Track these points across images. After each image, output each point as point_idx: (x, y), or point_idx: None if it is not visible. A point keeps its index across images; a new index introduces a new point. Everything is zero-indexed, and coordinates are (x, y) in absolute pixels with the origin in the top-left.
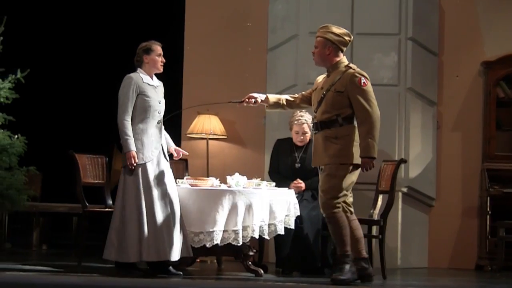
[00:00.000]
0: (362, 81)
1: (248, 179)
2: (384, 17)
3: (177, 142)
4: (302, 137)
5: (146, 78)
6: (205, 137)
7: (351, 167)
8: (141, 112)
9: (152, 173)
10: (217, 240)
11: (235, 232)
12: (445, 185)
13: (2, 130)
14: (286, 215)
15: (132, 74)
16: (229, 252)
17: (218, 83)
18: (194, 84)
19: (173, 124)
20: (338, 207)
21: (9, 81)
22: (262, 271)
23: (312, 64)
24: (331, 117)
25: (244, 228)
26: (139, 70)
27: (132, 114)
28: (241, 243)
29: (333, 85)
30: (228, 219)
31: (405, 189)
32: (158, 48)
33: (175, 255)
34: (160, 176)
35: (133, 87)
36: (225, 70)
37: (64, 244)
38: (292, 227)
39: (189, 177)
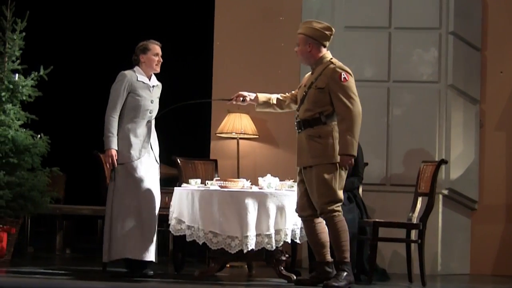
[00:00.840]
0: (342, 76)
1: (280, 180)
2: (424, 10)
3: (207, 142)
4: None
5: (141, 76)
6: (236, 136)
7: (336, 165)
8: (131, 110)
9: (139, 172)
10: (252, 244)
11: (268, 236)
12: (488, 187)
13: (24, 130)
14: None
15: (126, 71)
16: (261, 257)
17: (249, 80)
18: (224, 82)
19: (202, 123)
20: (338, 211)
21: (32, 79)
22: (294, 277)
23: (348, 60)
24: (314, 115)
25: (277, 232)
26: (136, 68)
27: (122, 111)
28: (274, 247)
29: (315, 82)
30: (260, 222)
31: (446, 191)
32: (155, 48)
33: (152, 256)
34: (147, 176)
35: (125, 84)
36: (256, 66)
37: (88, 248)
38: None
39: (219, 178)
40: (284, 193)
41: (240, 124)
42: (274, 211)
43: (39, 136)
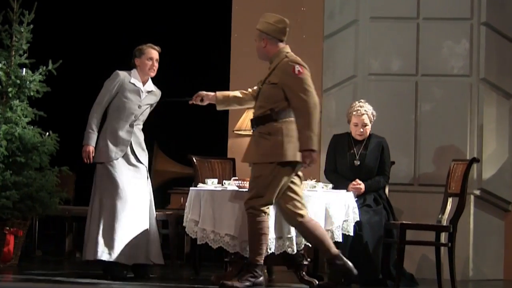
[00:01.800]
0: (296, 69)
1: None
2: (455, 0)
3: (224, 140)
4: (362, 130)
5: (134, 79)
6: None
7: (280, 166)
8: (115, 110)
9: (115, 173)
10: (272, 248)
11: (289, 239)
12: None
13: (32, 127)
14: (344, 221)
15: (121, 71)
16: (281, 261)
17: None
18: (242, 76)
19: (219, 120)
20: (261, 211)
21: (40, 73)
22: (316, 282)
23: (374, 53)
24: (265, 111)
25: (298, 235)
26: (132, 70)
27: (107, 110)
28: (295, 251)
29: (268, 77)
30: (280, 225)
31: (477, 192)
32: (150, 52)
33: (124, 258)
34: (124, 178)
35: (116, 83)
36: None
37: None
38: (351, 234)
39: (237, 178)
40: (306, 194)
41: None
42: None
43: (47, 133)
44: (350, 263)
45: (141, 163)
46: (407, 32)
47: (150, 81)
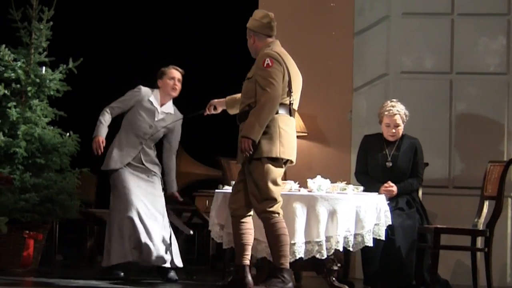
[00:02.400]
0: (266, 62)
1: (331, 182)
2: None
3: None
4: (394, 131)
5: (153, 99)
6: None
7: (266, 161)
8: (127, 123)
9: (121, 181)
10: (300, 253)
11: (318, 244)
12: None
13: (52, 127)
14: (375, 224)
15: (145, 87)
16: (310, 266)
17: None
18: None
19: None
20: (273, 211)
21: (60, 72)
22: None
23: (406, 51)
24: (244, 108)
25: (327, 239)
26: (155, 90)
27: (122, 119)
28: (325, 256)
29: (249, 73)
30: (310, 228)
31: None
32: (171, 72)
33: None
34: (129, 187)
35: (135, 98)
36: (305, 57)
37: None
38: (383, 238)
39: None
40: (335, 197)
41: None
42: (324, 216)
43: (68, 134)
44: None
45: (154, 174)
46: (441, 28)
47: (170, 103)
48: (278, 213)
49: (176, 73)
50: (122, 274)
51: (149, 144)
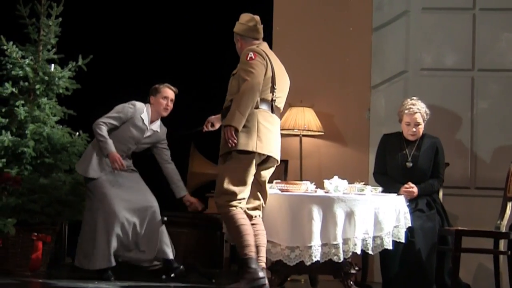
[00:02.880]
0: (249, 56)
1: (349, 183)
2: None
3: None
4: (414, 130)
5: (144, 115)
6: (298, 133)
7: (233, 155)
8: (115, 134)
9: (101, 188)
10: (317, 256)
11: (335, 246)
12: None
13: (61, 126)
14: (394, 227)
15: (139, 103)
16: (327, 269)
17: (313, 69)
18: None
19: None
20: (228, 206)
21: (69, 69)
22: None
23: (426, 47)
24: (227, 103)
25: (345, 242)
26: (147, 105)
27: (111, 129)
28: (342, 259)
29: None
30: (326, 230)
31: None
32: (165, 91)
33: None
34: (111, 190)
35: (128, 115)
36: (321, 54)
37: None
38: (402, 240)
39: (279, 181)
40: (353, 198)
41: (303, 119)
42: (342, 218)
43: (77, 133)
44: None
45: (132, 170)
46: (462, 23)
47: (158, 121)
48: (236, 206)
49: (169, 93)
50: (113, 278)
51: (130, 155)
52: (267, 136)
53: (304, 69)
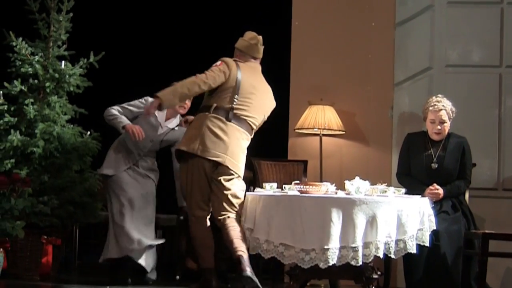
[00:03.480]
0: (217, 62)
1: (371, 184)
2: None
3: (284, 139)
4: (439, 127)
5: (159, 113)
6: (318, 132)
7: (178, 154)
8: None
9: (120, 185)
10: (333, 259)
11: (354, 249)
12: None
13: (72, 126)
14: (419, 230)
15: (151, 99)
16: (347, 274)
17: (333, 66)
18: (304, 68)
19: (278, 117)
20: (190, 214)
21: (81, 66)
22: None
23: (452, 43)
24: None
25: (366, 245)
26: None
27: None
28: (361, 263)
29: None
30: (345, 233)
31: None
32: None
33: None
34: (127, 189)
35: (138, 108)
36: (342, 50)
37: None
38: (427, 244)
39: (298, 182)
40: (375, 200)
41: (323, 117)
42: (363, 220)
43: (88, 133)
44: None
45: (149, 177)
46: (490, 18)
47: (177, 118)
48: (193, 215)
49: None
50: (130, 280)
51: (148, 154)
52: (214, 142)
53: (324, 66)
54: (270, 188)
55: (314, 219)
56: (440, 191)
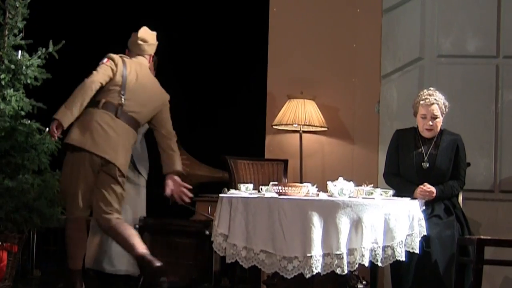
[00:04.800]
0: (103, 59)
1: (356, 185)
2: None
3: (261, 136)
4: (431, 123)
5: None
6: (298, 129)
7: (68, 149)
8: None
9: None
10: (317, 268)
11: (339, 257)
12: None
13: (29, 121)
14: (408, 235)
15: None
16: (330, 284)
17: (315, 56)
18: (283, 58)
19: (256, 112)
20: (73, 212)
21: (39, 57)
22: None
23: (444, 31)
24: None
25: (351, 252)
26: None
27: None
28: (346, 271)
29: None
30: (328, 239)
31: None
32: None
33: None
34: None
35: None
36: (324, 39)
37: None
38: (417, 251)
39: (276, 183)
40: (360, 202)
41: (303, 113)
42: (347, 225)
43: (47, 129)
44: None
45: (139, 174)
46: (486, 3)
47: None
48: (73, 215)
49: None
50: None
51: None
52: (103, 137)
53: (304, 56)
54: (245, 190)
55: (295, 224)
56: (433, 189)
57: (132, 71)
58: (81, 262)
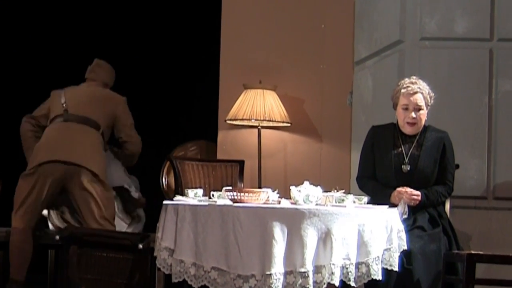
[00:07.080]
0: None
1: (324, 191)
2: None
3: (213, 132)
4: (414, 115)
5: None
6: (256, 124)
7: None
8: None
9: None
10: (278, 287)
11: (303, 275)
12: None
13: None
14: (385, 250)
15: None
16: None
17: (276, 39)
18: (238, 42)
19: (206, 105)
20: (25, 222)
21: None
22: None
23: (429, 9)
24: None
25: (318, 270)
26: None
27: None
28: None
29: None
30: (292, 254)
31: None
32: None
33: None
34: None
35: None
36: (287, 19)
37: (40, 281)
38: (396, 268)
39: (230, 188)
40: (330, 211)
41: (262, 105)
42: (314, 238)
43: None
44: None
45: None
46: None
47: None
48: (27, 226)
49: None
50: None
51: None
52: (58, 141)
53: (263, 39)
54: (194, 196)
55: (252, 237)
56: (417, 192)
57: (71, 88)
58: (25, 273)
